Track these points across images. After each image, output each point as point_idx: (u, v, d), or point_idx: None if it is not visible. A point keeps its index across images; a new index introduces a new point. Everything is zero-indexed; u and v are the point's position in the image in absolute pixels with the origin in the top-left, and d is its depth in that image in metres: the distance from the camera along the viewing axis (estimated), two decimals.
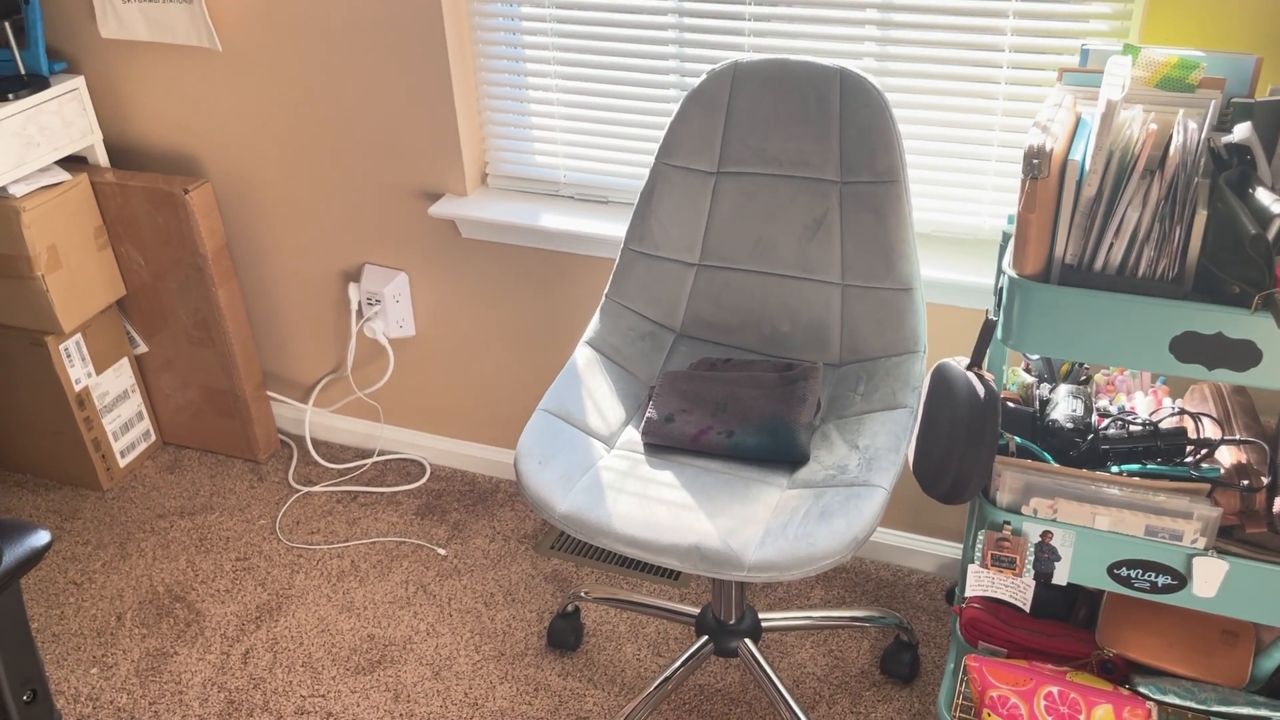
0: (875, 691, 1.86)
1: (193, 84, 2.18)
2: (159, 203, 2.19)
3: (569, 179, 2.06)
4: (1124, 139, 1.20)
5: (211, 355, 2.37)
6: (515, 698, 1.88)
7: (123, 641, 2.03)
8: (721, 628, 1.77)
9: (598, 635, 2.00)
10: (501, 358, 2.27)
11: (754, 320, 1.72)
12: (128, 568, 2.20)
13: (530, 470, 1.48)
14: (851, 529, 1.35)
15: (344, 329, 2.39)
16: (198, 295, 2.29)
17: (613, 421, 1.61)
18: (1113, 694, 1.43)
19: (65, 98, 2.15)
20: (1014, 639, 1.57)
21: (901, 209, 1.58)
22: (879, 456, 1.46)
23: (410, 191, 2.14)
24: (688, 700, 1.86)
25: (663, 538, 1.37)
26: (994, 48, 1.65)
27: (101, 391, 2.36)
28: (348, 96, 2.07)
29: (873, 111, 1.57)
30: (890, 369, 1.61)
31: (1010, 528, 1.41)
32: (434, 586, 2.12)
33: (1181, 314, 1.18)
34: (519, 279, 2.15)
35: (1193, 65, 1.28)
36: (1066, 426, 1.42)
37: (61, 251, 2.17)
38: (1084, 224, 1.21)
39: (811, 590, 2.08)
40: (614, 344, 1.72)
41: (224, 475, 2.46)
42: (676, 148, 1.68)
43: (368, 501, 2.36)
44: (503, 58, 1.98)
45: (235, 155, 2.24)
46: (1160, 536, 1.35)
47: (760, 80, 1.63)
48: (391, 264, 2.25)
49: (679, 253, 1.73)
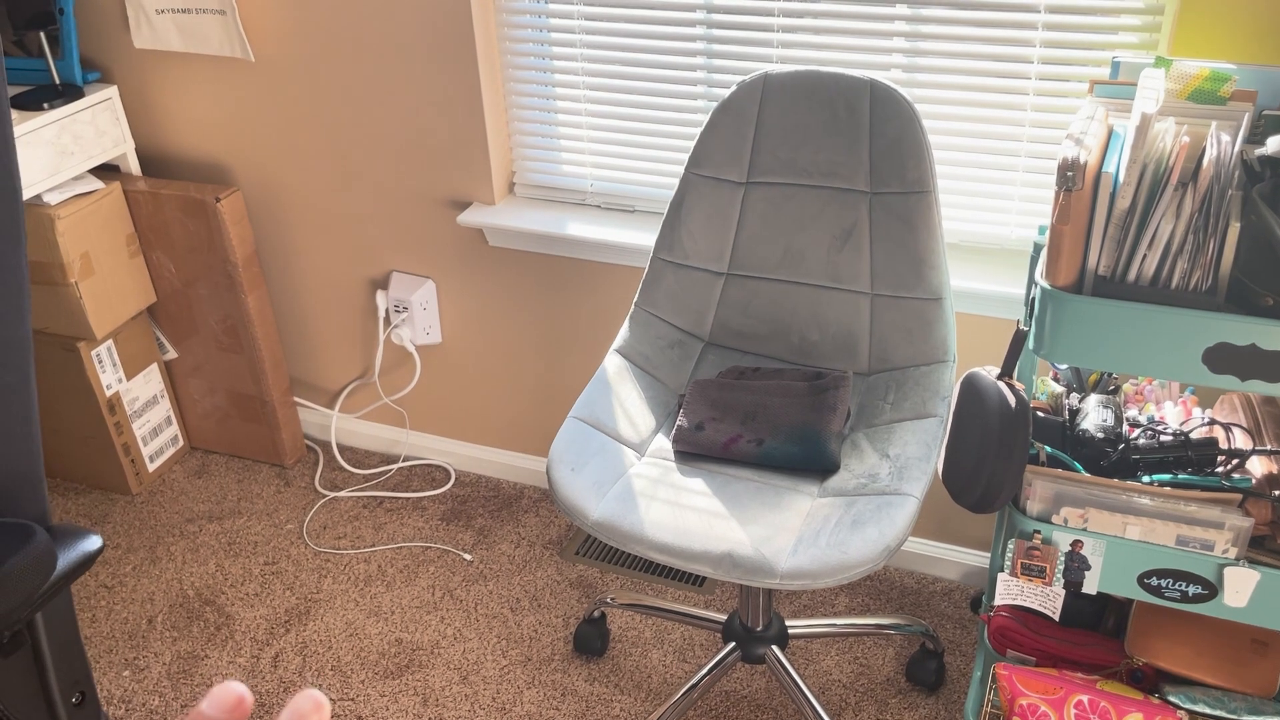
0: (901, 699, 1.87)
1: (225, 94, 2.21)
2: (190, 211, 2.22)
3: (596, 188, 2.08)
4: (1157, 151, 1.21)
5: (240, 361, 2.40)
6: (542, 702, 1.89)
7: (154, 644, 2.05)
8: (749, 634, 1.78)
9: (623, 641, 2.01)
10: (527, 365, 2.29)
11: (783, 329, 1.73)
12: (158, 571, 2.23)
13: (563, 477, 1.49)
14: (884, 537, 1.36)
15: (371, 336, 2.41)
16: (227, 302, 2.32)
17: (643, 429, 1.63)
18: (1143, 703, 1.43)
19: (99, 107, 2.18)
20: (1043, 647, 1.57)
21: (931, 219, 1.59)
22: (910, 465, 1.47)
23: (438, 200, 2.16)
24: (714, 706, 1.87)
25: (695, 545, 1.39)
26: (1023, 59, 1.66)
27: (131, 397, 2.39)
28: (377, 106, 2.09)
29: (903, 122, 1.58)
30: (920, 378, 1.62)
31: (1040, 537, 1.42)
32: (460, 591, 2.14)
33: (1215, 325, 1.19)
34: (545, 287, 2.16)
35: (1225, 78, 1.29)
36: (1097, 436, 1.43)
37: (94, 259, 2.20)
38: (1117, 236, 1.22)
39: (836, 598, 2.09)
40: (643, 352, 1.74)
41: (251, 480, 2.49)
42: (706, 158, 1.70)
43: (394, 507, 2.38)
44: (531, 68, 2.00)
45: (266, 164, 2.27)
46: (1191, 546, 1.35)
47: (790, 91, 1.64)
48: (419, 271, 2.27)
49: (708, 262, 1.74)
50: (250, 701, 0.34)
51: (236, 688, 0.33)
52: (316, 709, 0.33)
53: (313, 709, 0.33)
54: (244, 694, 0.34)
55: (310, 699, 0.33)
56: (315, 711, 0.33)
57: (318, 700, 0.33)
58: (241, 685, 0.34)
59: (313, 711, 0.33)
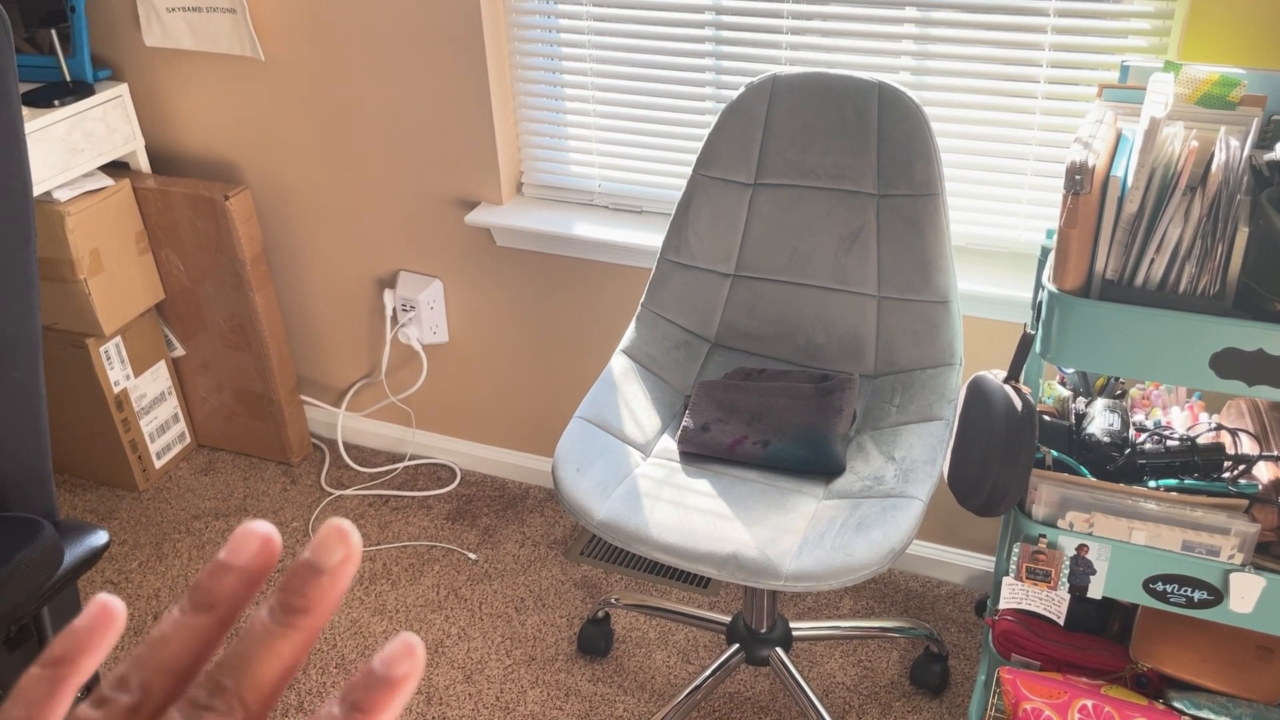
0: (905, 702, 1.87)
1: (234, 92, 2.21)
2: (199, 209, 2.23)
3: (604, 188, 2.08)
4: (1166, 156, 1.21)
5: (247, 359, 2.40)
6: (546, 702, 1.90)
7: None
8: (753, 636, 1.78)
9: (627, 641, 2.01)
10: (534, 365, 2.29)
11: (789, 331, 1.73)
12: (164, 568, 2.23)
13: (568, 477, 1.49)
14: (889, 540, 1.36)
15: (378, 335, 2.41)
16: (235, 300, 2.32)
17: (649, 430, 1.63)
18: (1147, 708, 1.43)
19: (109, 105, 2.18)
20: (1047, 651, 1.57)
21: (939, 222, 1.59)
22: (915, 468, 1.47)
23: (446, 200, 2.16)
24: (717, 708, 1.87)
25: (700, 546, 1.39)
26: (1032, 62, 1.66)
27: (139, 394, 2.39)
28: (386, 106, 2.10)
29: (911, 125, 1.58)
30: (926, 381, 1.61)
31: (1046, 541, 1.42)
32: (465, 591, 2.14)
33: (1222, 330, 1.19)
34: (553, 287, 2.17)
35: (1234, 83, 1.29)
36: (1103, 440, 1.42)
37: (103, 255, 2.20)
38: (1125, 240, 1.22)
39: (841, 600, 2.09)
40: (649, 353, 1.74)
41: (257, 478, 2.49)
42: (714, 159, 1.70)
43: (399, 505, 2.39)
44: (540, 68, 2.01)
45: (275, 162, 2.27)
46: (1197, 552, 1.35)
47: (798, 93, 1.64)
48: (427, 271, 2.27)
49: (715, 263, 1.75)
50: (278, 544, 0.30)
51: (261, 527, 0.30)
52: (342, 539, 0.29)
53: (337, 539, 0.29)
54: (269, 534, 0.30)
55: (334, 528, 0.29)
56: (340, 542, 0.29)
57: (342, 529, 0.29)
58: (267, 524, 0.30)
59: (337, 542, 0.29)
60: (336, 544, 0.29)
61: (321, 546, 0.29)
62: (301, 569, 0.29)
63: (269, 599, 0.29)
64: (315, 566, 0.29)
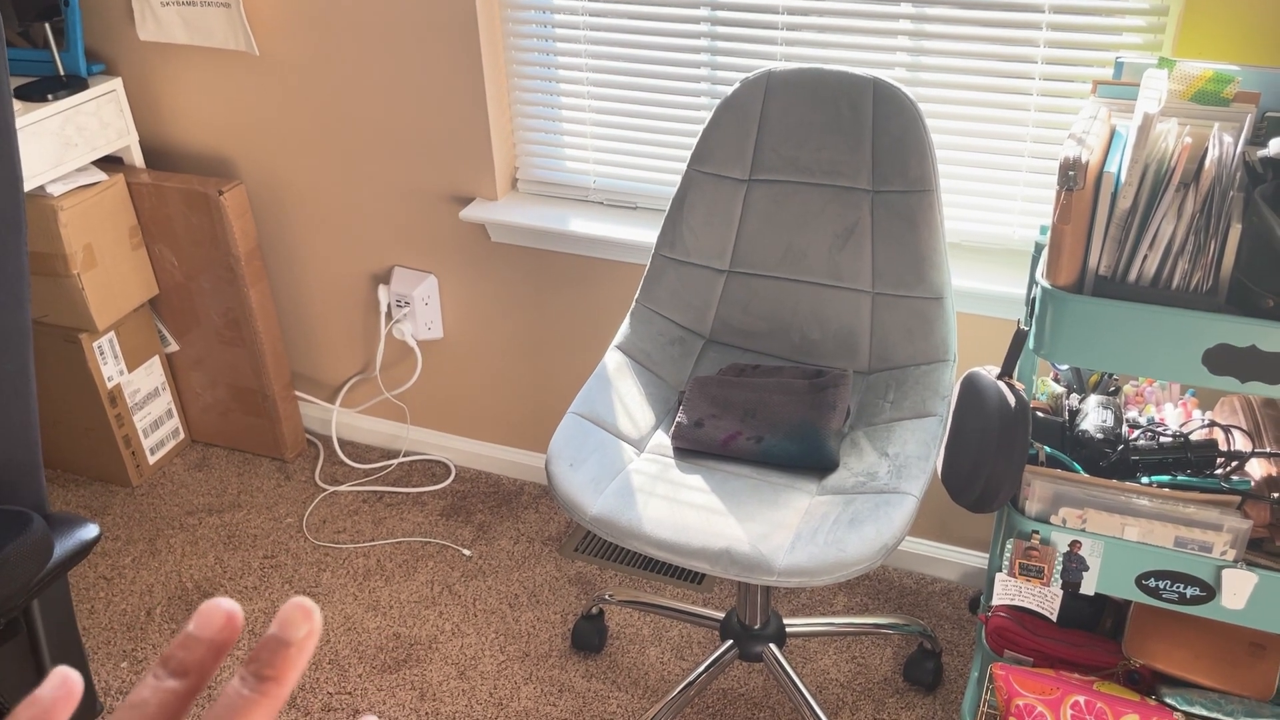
0: (898, 699, 1.87)
1: (229, 87, 2.21)
2: (193, 204, 2.22)
3: (599, 184, 2.08)
4: (1159, 152, 1.21)
5: (241, 355, 2.40)
6: (539, 698, 1.90)
7: (152, 636, 2.05)
8: (746, 632, 1.78)
9: (621, 638, 2.01)
10: (529, 361, 2.29)
11: (783, 327, 1.73)
12: (157, 564, 2.23)
13: (561, 472, 1.49)
14: (881, 536, 1.36)
15: (373, 331, 2.41)
16: (229, 295, 2.32)
17: (643, 426, 1.63)
18: (1139, 704, 1.43)
19: (103, 99, 2.18)
20: (1040, 648, 1.57)
21: (933, 218, 1.59)
22: (909, 464, 1.47)
23: (441, 195, 2.16)
24: (711, 704, 1.87)
25: (693, 541, 1.39)
26: (1026, 59, 1.66)
27: (133, 389, 2.39)
28: (381, 101, 2.09)
29: (906, 121, 1.58)
30: (920, 377, 1.61)
31: (1039, 537, 1.42)
32: (459, 587, 2.14)
33: (1215, 326, 1.19)
34: (547, 283, 2.16)
35: (1228, 79, 1.29)
36: (1097, 437, 1.43)
37: (97, 250, 2.20)
38: (1118, 236, 1.22)
39: (834, 597, 2.09)
40: (644, 349, 1.73)
41: (251, 474, 2.49)
42: (709, 155, 1.70)
43: (393, 502, 2.38)
44: (535, 64, 2.00)
45: (269, 158, 2.27)
46: (1190, 548, 1.35)
47: (793, 89, 1.64)
48: (421, 267, 2.27)
49: (709, 259, 1.74)
50: (240, 619, 0.33)
51: (225, 605, 0.33)
52: (305, 617, 0.33)
53: (302, 617, 0.33)
54: (232, 611, 0.33)
55: (298, 606, 0.33)
56: (304, 619, 0.33)
57: (305, 607, 0.33)
58: (230, 601, 0.33)
59: (302, 619, 0.33)
60: (301, 621, 0.32)
61: (288, 623, 0.32)
62: (270, 642, 0.32)
63: (240, 669, 0.32)
64: (282, 640, 0.32)
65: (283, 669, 0.32)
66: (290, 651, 0.32)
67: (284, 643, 0.32)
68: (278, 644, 0.32)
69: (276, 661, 0.32)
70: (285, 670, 0.32)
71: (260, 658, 0.32)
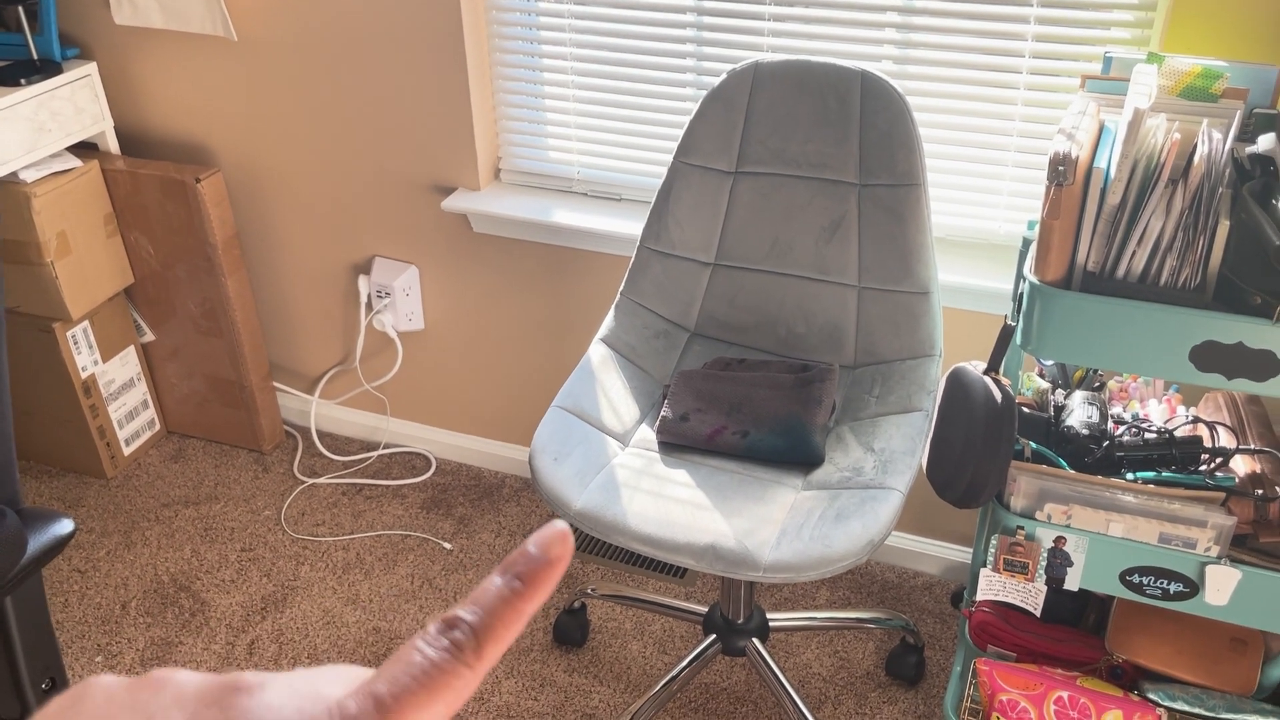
0: (881, 693, 1.87)
1: (206, 73, 2.17)
2: (170, 191, 2.19)
3: (583, 175, 2.06)
4: (1149, 148, 1.21)
5: (219, 345, 2.37)
6: (521, 693, 1.88)
7: (127, 630, 2.03)
8: (729, 627, 1.78)
9: (603, 632, 2.00)
10: (510, 353, 2.27)
11: (769, 321, 1.72)
12: (132, 556, 2.20)
13: (545, 466, 1.48)
14: (868, 531, 1.35)
15: (352, 321, 2.38)
16: (206, 285, 2.29)
17: (627, 419, 1.62)
18: (1122, 700, 1.43)
19: (77, 84, 2.14)
20: (1023, 643, 1.57)
21: (920, 212, 1.58)
22: (894, 459, 1.47)
23: (423, 185, 2.13)
24: (693, 699, 1.87)
25: (678, 536, 1.38)
26: (1014, 53, 1.66)
27: (108, 379, 2.35)
28: (362, 88, 2.06)
29: (894, 114, 1.57)
30: (906, 372, 1.61)
31: (1024, 532, 1.42)
32: (439, 580, 2.13)
33: (1203, 323, 1.19)
34: (530, 275, 2.15)
35: (1216, 75, 1.28)
36: (1082, 433, 1.42)
37: (71, 238, 2.16)
38: (1107, 231, 1.22)
39: (817, 591, 2.09)
40: (628, 342, 1.72)
41: (228, 465, 2.46)
42: (695, 147, 1.69)
43: (373, 494, 2.36)
44: (519, 52, 1.98)
45: (247, 145, 2.23)
46: (1174, 544, 1.35)
47: (781, 81, 1.63)
48: (402, 257, 2.25)
49: (695, 252, 1.73)
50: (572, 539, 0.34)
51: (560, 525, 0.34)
52: (562, 540, 0.33)
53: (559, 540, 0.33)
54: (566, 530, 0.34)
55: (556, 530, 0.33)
56: (561, 542, 0.33)
57: (563, 531, 0.34)
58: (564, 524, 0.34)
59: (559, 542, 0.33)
60: (558, 542, 0.33)
61: (546, 543, 0.33)
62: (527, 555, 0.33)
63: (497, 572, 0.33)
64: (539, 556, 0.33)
65: (539, 579, 0.32)
66: (546, 566, 0.33)
67: (541, 558, 0.33)
68: (534, 558, 0.33)
69: (535, 572, 0.32)
70: (541, 581, 0.33)
71: (518, 564, 0.33)
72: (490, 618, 0.32)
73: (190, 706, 0.30)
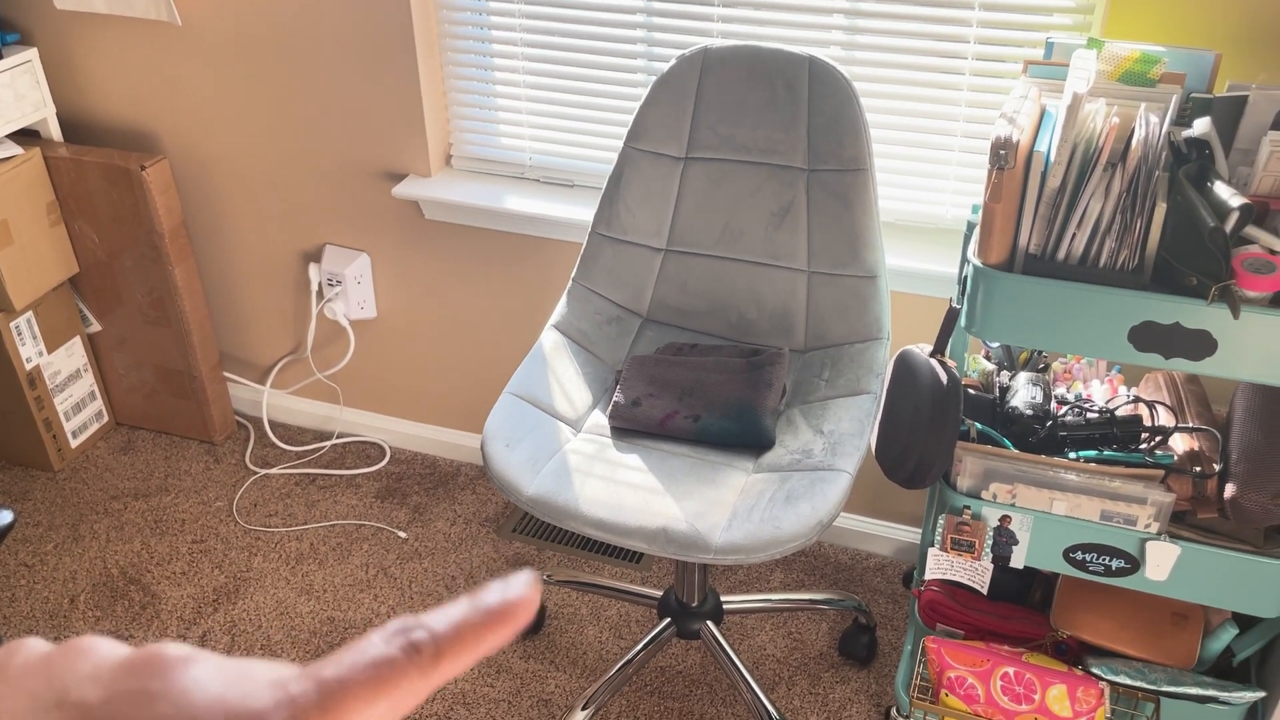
0: (834, 673, 1.89)
1: (151, 58, 2.14)
2: (114, 179, 2.15)
3: (535, 161, 2.05)
4: (1088, 132, 1.23)
5: (167, 335, 2.34)
6: (477, 680, 1.88)
7: (76, 624, 2.00)
8: (684, 610, 1.79)
9: (559, 618, 2.00)
10: (463, 340, 2.26)
11: (720, 306, 1.73)
12: (80, 550, 2.17)
13: (497, 453, 1.48)
14: (816, 512, 1.36)
15: (304, 310, 2.36)
16: (153, 274, 2.25)
17: (579, 405, 1.62)
18: (1067, 674, 1.46)
19: (18, 70, 2.09)
20: (971, 621, 1.60)
21: (868, 197, 1.59)
22: (843, 441, 1.48)
23: (373, 171, 2.11)
24: (649, 682, 1.88)
25: (630, 520, 1.38)
26: (959, 39, 1.67)
27: (53, 371, 2.31)
28: (310, 74, 2.04)
29: (841, 100, 1.58)
30: (854, 355, 1.63)
31: (970, 512, 1.44)
32: (395, 569, 2.12)
33: (1140, 304, 1.21)
34: (482, 261, 2.14)
35: (1154, 60, 1.31)
36: (1026, 413, 1.45)
37: (13, 227, 2.12)
38: (1048, 215, 1.24)
39: (771, 573, 2.10)
40: (580, 328, 1.72)
41: (179, 457, 2.43)
42: (645, 133, 1.69)
43: (327, 484, 2.34)
44: (469, 38, 1.97)
45: (194, 132, 2.20)
46: (1115, 521, 1.38)
47: (730, 66, 1.63)
48: (353, 245, 2.23)
49: (646, 238, 1.73)
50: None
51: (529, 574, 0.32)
52: (532, 584, 0.31)
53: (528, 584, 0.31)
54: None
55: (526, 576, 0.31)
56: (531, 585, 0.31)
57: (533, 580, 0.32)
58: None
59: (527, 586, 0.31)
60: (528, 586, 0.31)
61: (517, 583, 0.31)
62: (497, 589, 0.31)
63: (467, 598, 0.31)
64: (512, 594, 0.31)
65: (506, 615, 0.30)
66: (516, 604, 0.31)
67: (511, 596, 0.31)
68: (505, 594, 0.31)
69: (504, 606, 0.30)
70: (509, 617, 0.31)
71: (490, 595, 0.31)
72: (453, 631, 0.30)
73: (108, 679, 0.28)
